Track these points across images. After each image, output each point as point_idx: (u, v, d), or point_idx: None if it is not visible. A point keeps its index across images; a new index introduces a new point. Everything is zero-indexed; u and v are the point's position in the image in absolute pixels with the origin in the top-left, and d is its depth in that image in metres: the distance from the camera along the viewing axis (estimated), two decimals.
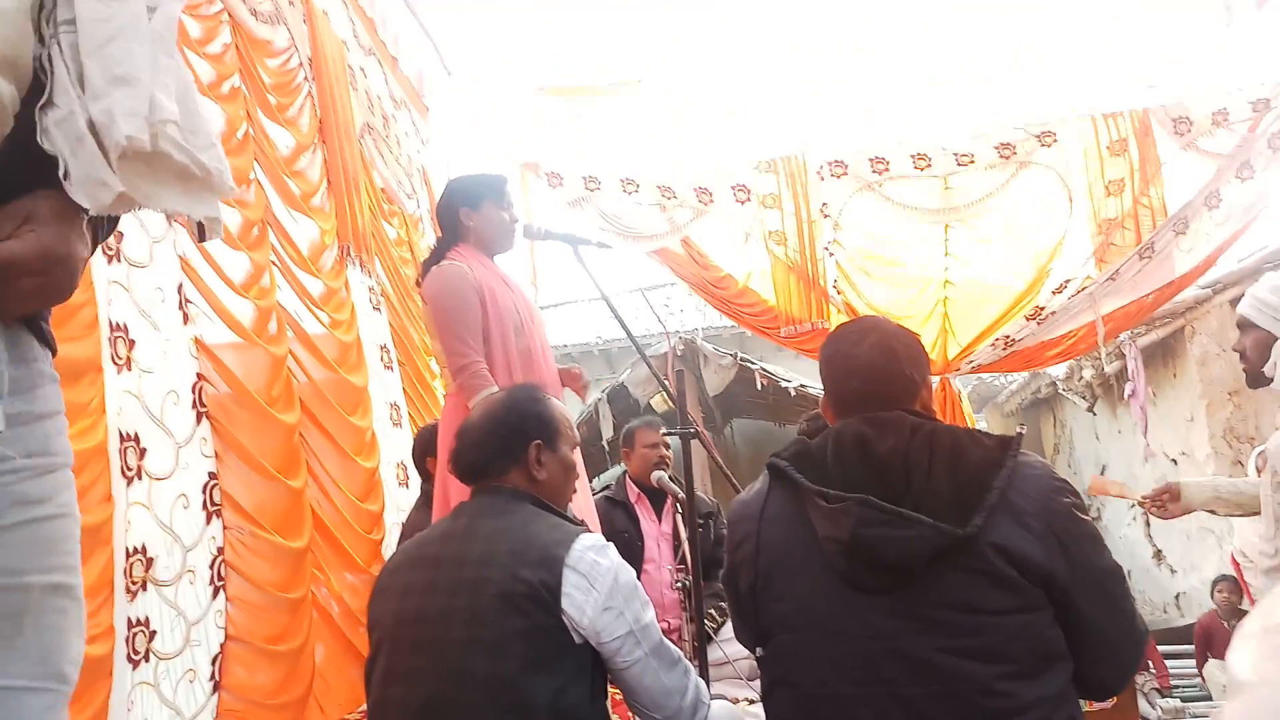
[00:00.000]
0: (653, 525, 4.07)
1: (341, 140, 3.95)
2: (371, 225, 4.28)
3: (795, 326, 5.33)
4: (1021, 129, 5.19)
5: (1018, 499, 1.49)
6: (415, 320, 4.71)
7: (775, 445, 1.71)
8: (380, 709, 1.81)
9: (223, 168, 0.99)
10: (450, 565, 1.82)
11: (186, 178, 0.95)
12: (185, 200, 0.97)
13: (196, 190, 0.97)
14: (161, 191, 0.94)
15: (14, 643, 0.92)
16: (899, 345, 1.71)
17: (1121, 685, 1.60)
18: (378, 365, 4.23)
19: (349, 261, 3.96)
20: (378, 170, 4.57)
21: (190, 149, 0.94)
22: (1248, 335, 2.59)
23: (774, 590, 1.63)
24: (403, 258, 4.81)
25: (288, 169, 3.52)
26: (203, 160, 0.95)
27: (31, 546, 0.95)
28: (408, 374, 4.51)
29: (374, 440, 3.85)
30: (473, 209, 2.87)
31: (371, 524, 3.65)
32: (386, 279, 4.48)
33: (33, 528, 0.95)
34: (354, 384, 3.68)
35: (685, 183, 5.34)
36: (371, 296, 4.28)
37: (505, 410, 2.02)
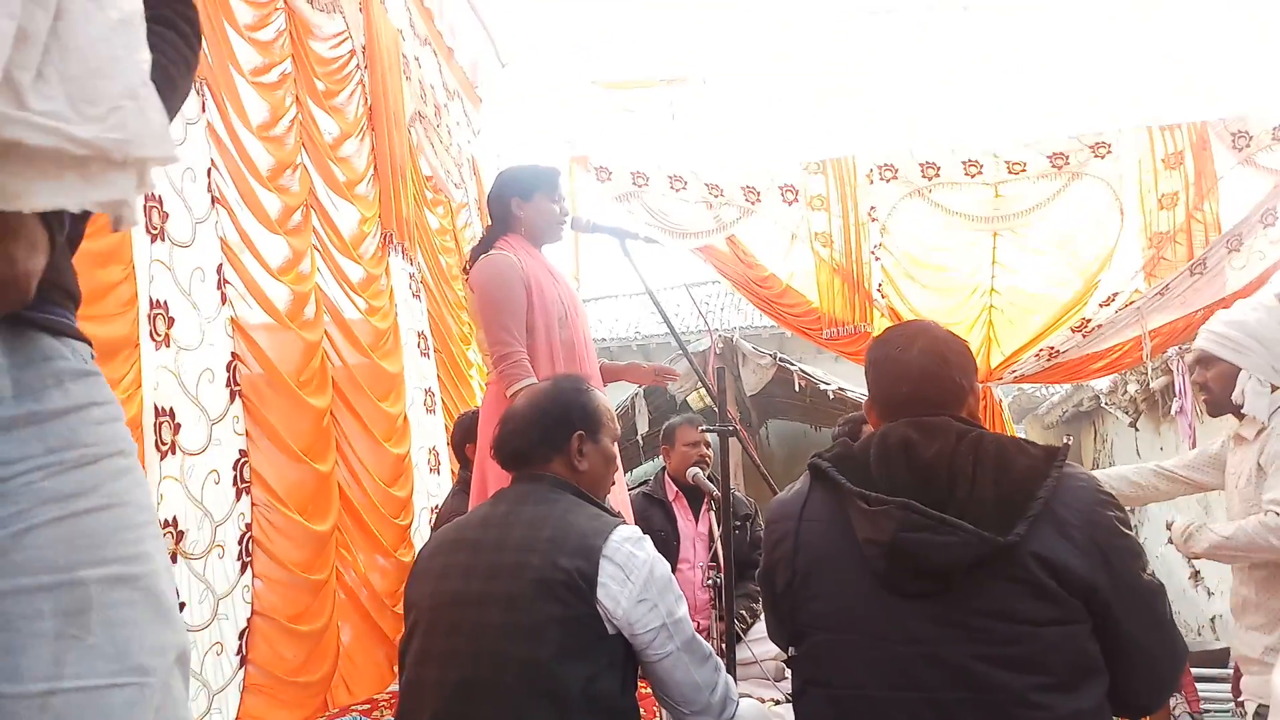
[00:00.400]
0: (689, 525, 4.07)
1: (390, 128, 3.99)
2: (415, 213, 4.31)
3: (838, 328, 5.31)
4: (1075, 139, 5.13)
5: (1062, 510, 1.48)
6: (452, 308, 4.75)
7: (811, 448, 1.72)
8: (414, 688, 1.83)
9: (125, 134, 0.82)
10: (489, 550, 1.84)
11: (70, 162, 0.80)
12: (69, 190, 0.81)
13: (96, 172, 0.82)
14: (32, 187, 0.79)
15: (85, 641, 0.89)
16: (949, 351, 1.70)
17: (1158, 704, 1.59)
18: (414, 351, 4.27)
19: (391, 248, 4.00)
20: (425, 159, 4.61)
21: (60, 127, 0.78)
22: (1209, 369, 2.73)
23: (810, 590, 1.64)
24: (445, 246, 4.85)
25: (333, 155, 3.56)
26: (82, 134, 0.79)
27: (79, 541, 0.91)
28: (443, 361, 4.55)
29: (405, 426, 3.88)
30: (524, 199, 2.89)
31: (399, 509, 3.69)
32: (427, 267, 4.51)
33: (74, 522, 0.91)
34: (387, 370, 3.71)
35: (733, 181, 5.34)
36: (412, 283, 4.32)
37: (550, 399, 2.04)
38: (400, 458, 3.77)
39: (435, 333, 4.51)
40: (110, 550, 0.93)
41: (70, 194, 0.81)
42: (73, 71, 0.80)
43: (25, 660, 0.86)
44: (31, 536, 0.88)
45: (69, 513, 0.91)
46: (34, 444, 0.90)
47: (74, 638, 0.88)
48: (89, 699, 0.88)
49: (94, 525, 0.92)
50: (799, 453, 11.71)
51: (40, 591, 0.87)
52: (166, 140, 0.87)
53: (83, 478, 0.93)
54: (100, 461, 0.95)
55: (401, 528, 3.73)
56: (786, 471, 10.14)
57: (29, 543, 0.88)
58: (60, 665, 0.87)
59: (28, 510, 0.89)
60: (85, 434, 0.95)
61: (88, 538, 0.91)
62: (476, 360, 5.07)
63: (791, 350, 10.08)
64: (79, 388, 0.96)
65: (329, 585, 3.08)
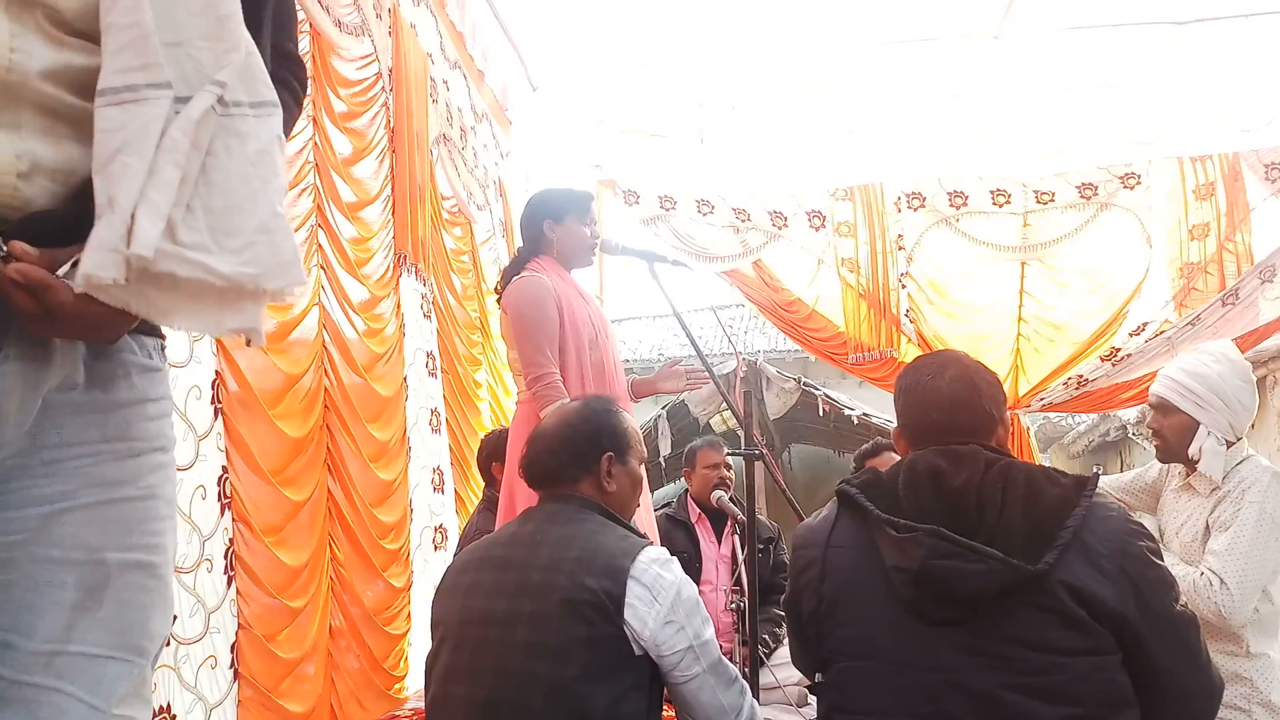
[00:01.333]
0: (712, 547, 4.07)
1: (412, 150, 4.01)
2: (431, 234, 4.32)
3: (864, 354, 5.31)
4: (1105, 169, 5.11)
5: (1091, 539, 1.48)
6: (462, 329, 4.75)
7: (834, 473, 1.73)
8: (440, 705, 1.84)
9: (259, 269, 0.92)
10: (517, 569, 1.85)
11: (210, 291, 0.90)
12: (206, 316, 0.92)
13: (231, 300, 0.92)
14: (176, 307, 0.90)
15: (95, 614, 0.99)
16: (980, 380, 1.71)
17: None
18: (423, 371, 4.26)
19: (404, 268, 4.02)
20: (448, 179, 4.64)
21: (203, 260, 0.88)
22: (1167, 416, 2.69)
23: (837, 617, 1.64)
24: (461, 266, 4.86)
25: (346, 174, 3.55)
26: (223, 270, 0.89)
27: (110, 525, 1.01)
28: (449, 382, 4.55)
29: (398, 449, 3.87)
30: (556, 222, 2.92)
31: (385, 532, 3.66)
32: (441, 287, 4.51)
33: (109, 509, 1.01)
34: (379, 393, 3.69)
35: (760, 206, 5.36)
36: (424, 304, 4.32)
37: (581, 420, 2.05)
38: (387, 483, 3.73)
39: (444, 353, 4.51)
40: (135, 538, 1.03)
41: (208, 319, 0.92)
42: (215, 205, 0.91)
43: (42, 622, 0.97)
44: (71, 516, 0.99)
45: (107, 499, 1.01)
46: (93, 430, 1.01)
47: (87, 610, 0.99)
48: (85, 664, 0.99)
49: (126, 513, 1.03)
50: (821, 478, 11.66)
51: (68, 565, 0.98)
52: (295, 269, 0.96)
53: (125, 469, 1.03)
54: (143, 455, 1.05)
55: (391, 551, 3.71)
56: (809, 496, 10.09)
57: (67, 520, 0.98)
58: (70, 631, 0.98)
59: (73, 491, 0.99)
60: (137, 428, 1.05)
61: (118, 524, 1.02)
62: (484, 380, 5.11)
63: (815, 375, 10.06)
64: (142, 382, 1.06)
65: (311, 611, 3.06)
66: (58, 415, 0.99)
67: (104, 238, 0.85)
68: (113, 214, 0.85)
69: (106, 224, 0.85)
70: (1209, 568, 2.48)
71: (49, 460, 0.99)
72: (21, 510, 0.97)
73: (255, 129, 0.96)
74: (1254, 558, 2.45)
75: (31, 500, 0.98)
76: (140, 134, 0.87)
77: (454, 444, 4.57)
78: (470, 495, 4.65)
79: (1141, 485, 2.98)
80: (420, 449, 4.13)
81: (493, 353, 5.23)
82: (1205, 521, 2.60)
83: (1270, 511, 2.50)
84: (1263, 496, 2.52)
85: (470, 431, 4.72)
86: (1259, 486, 2.54)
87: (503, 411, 5.28)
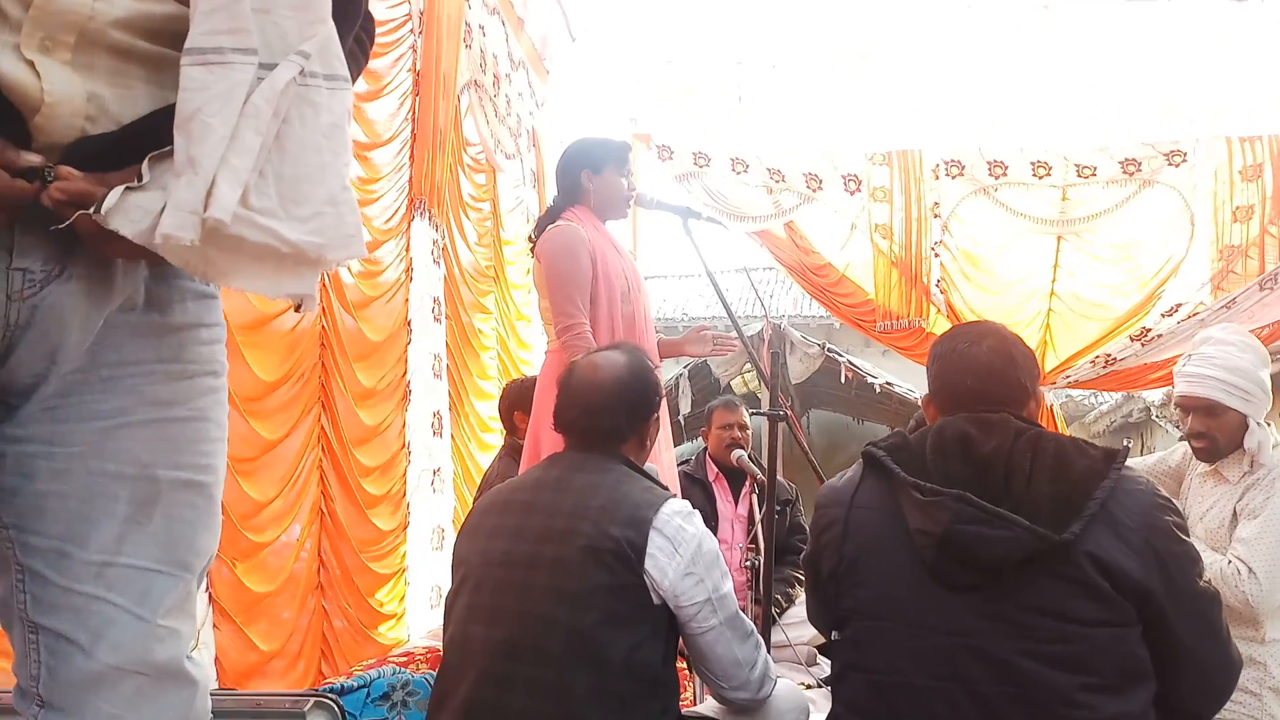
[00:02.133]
0: (728, 506, 4.09)
1: (437, 94, 3.97)
2: (450, 179, 4.30)
3: (892, 322, 5.28)
4: (1150, 146, 5.02)
5: (1118, 511, 1.47)
6: (470, 277, 4.75)
7: (852, 439, 1.72)
8: (459, 643, 1.86)
9: (324, 239, 0.94)
10: (542, 514, 1.86)
11: (272, 255, 0.92)
12: (265, 279, 0.94)
13: (289, 266, 0.94)
14: (237, 269, 0.92)
15: (145, 528, 1.04)
16: (1017, 353, 1.70)
17: (1210, 714, 1.58)
18: (428, 317, 4.28)
19: (417, 213, 3.99)
20: (476, 127, 4.59)
21: (273, 226, 0.90)
22: (1216, 417, 2.57)
23: (857, 576, 1.65)
24: (478, 213, 4.83)
25: (357, 114, 3.49)
26: (290, 236, 0.91)
27: (162, 443, 1.05)
28: (451, 328, 4.56)
29: (392, 391, 3.87)
30: (595, 172, 2.90)
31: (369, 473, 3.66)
32: (452, 234, 4.48)
33: (161, 427, 1.05)
34: (369, 336, 3.68)
35: (795, 167, 5.31)
36: (434, 249, 4.32)
37: (634, 378, 1.99)
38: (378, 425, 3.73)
39: (449, 300, 4.51)
40: (185, 457, 1.07)
41: (265, 282, 0.94)
42: (286, 173, 0.93)
43: (96, 533, 1.01)
44: (125, 431, 1.03)
45: (159, 418, 1.05)
46: (149, 351, 1.05)
47: (138, 523, 1.03)
48: (134, 576, 1.03)
49: (177, 433, 1.07)
50: (839, 444, 11.67)
51: (122, 479, 1.02)
52: (357, 243, 0.99)
53: (177, 389, 1.07)
54: (195, 378, 1.09)
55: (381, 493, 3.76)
56: (826, 462, 10.09)
57: (122, 436, 1.03)
58: (121, 543, 1.02)
59: (129, 408, 1.03)
60: (190, 351, 1.09)
61: (169, 442, 1.06)
62: (493, 329, 5.13)
63: (839, 341, 10.02)
64: (196, 307, 1.10)
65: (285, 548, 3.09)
66: (118, 335, 1.03)
67: (185, 199, 0.87)
68: (195, 175, 0.87)
69: (188, 184, 0.87)
70: (1237, 556, 2.46)
71: (107, 377, 1.02)
72: (80, 424, 1.01)
73: (329, 101, 0.97)
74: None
75: (90, 415, 1.02)
76: (224, 97, 0.89)
77: (452, 390, 4.58)
78: (464, 440, 4.67)
79: (1164, 469, 2.94)
80: (422, 393, 4.14)
81: (506, 302, 5.24)
82: (1233, 508, 2.58)
83: None
84: None
85: (469, 378, 4.74)
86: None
87: (511, 361, 5.30)
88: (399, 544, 3.89)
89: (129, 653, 1.02)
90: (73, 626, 1.00)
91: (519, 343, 5.49)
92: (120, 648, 1.01)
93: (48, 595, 1.01)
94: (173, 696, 1.07)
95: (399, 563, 3.88)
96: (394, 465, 3.88)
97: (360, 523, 3.59)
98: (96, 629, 1.01)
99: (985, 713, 1.46)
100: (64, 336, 0.97)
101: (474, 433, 4.84)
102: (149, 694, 1.04)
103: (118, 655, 1.01)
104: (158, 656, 1.04)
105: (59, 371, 0.99)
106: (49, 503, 1.00)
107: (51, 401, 1.00)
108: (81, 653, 1.00)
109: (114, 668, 1.01)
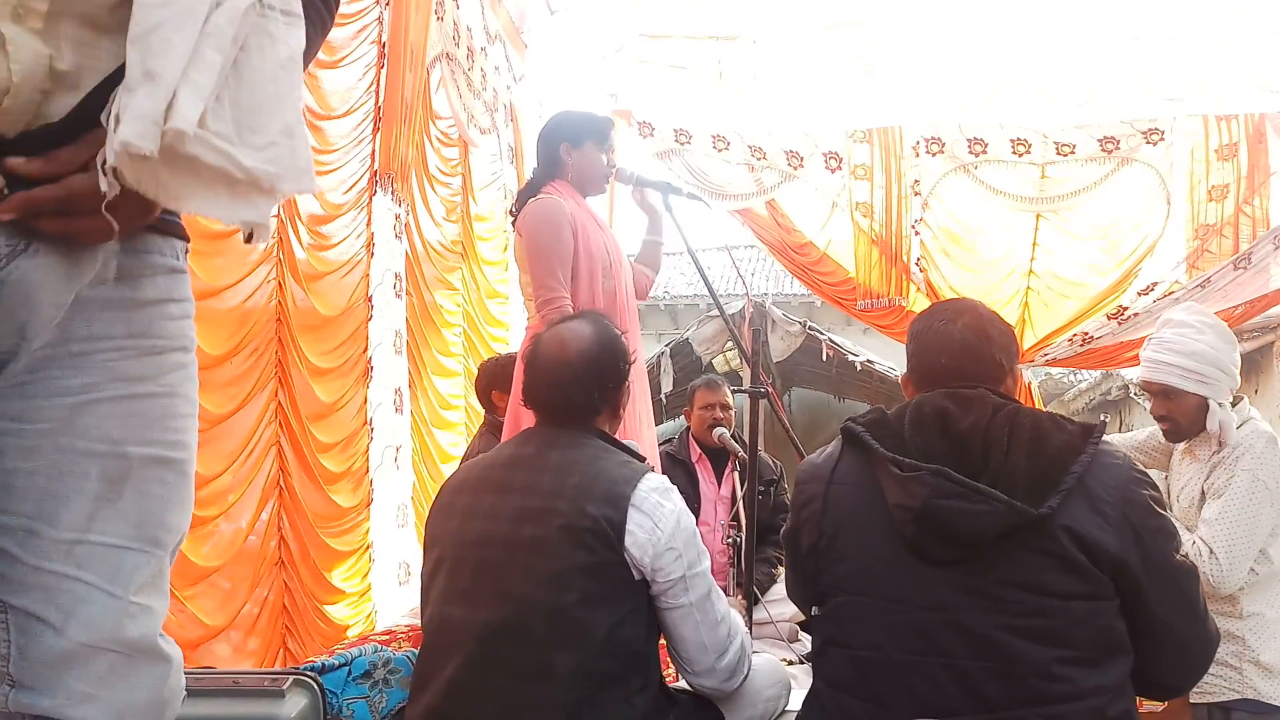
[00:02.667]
0: (711, 488, 4.09)
1: (404, 67, 3.92)
2: (416, 154, 4.24)
3: (872, 300, 5.29)
4: (1128, 123, 5.02)
5: (1095, 486, 1.48)
6: (434, 252, 4.71)
7: (833, 417, 1.73)
8: (437, 624, 1.85)
9: (278, 168, 0.93)
10: (517, 493, 1.84)
11: (225, 180, 0.90)
12: (218, 204, 0.91)
13: (243, 193, 0.92)
14: (190, 192, 0.90)
15: (115, 505, 1.03)
16: (992, 329, 1.71)
17: (1188, 686, 1.61)
18: (389, 292, 4.24)
19: (378, 188, 3.93)
20: (449, 101, 4.53)
21: (228, 150, 0.88)
22: (1174, 401, 2.63)
23: (836, 552, 1.65)
24: (445, 188, 4.78)
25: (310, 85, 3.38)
26: (246, 162, 0.89)
27: (132, 419, 1.04)
28: (411, 304, 4.52)
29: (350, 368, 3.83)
30: (574, 146, 2.88)
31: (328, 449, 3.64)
32: (416, 209, 4.42)
33: (131, 403, 1.04)
34: (319, 310, 3.61)
35: (776, 145, 5.29)
36: (396, 224, 4.27)
37: (601, 348, 1.95)
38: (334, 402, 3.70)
39: (410, 276, 4.47)
40: (156, 433, 1.07)
41: (219, 207, 0.92)
42: (244, 101, 0.91)
43: (66, 511, 1.01)
44: (95, 408, 1.02)
45: (129, 394, 1.04)
46: (119, 326, 1.04)
47: (108, 500, 1.03)
48: (105, 553, 1.02)
49: (148, 409, 1.06)
50: (820, 422, 11.72)
51: (92, 456, 1.02)
52: (309, 176, 0.97)
53: (148, 365, 1.06)
54: (165, 354, 1.08)
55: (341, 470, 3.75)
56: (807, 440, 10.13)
57: (92, 412, 1.02)
58: (91, 521, 1.02)
59: (97, 384, 1.02)
60: (160, 327, 1.08)
61: (140, 418, 1.05)
62: (459, 305, 5.10)
63: (820, 319, 10.06)
64: (167, 283, 1.09)
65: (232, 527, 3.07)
66: (88, 310, 1.01)
67: (145, 108, 0.83)
68: (154, 86, 0.84)
69: (148, 95, 0.84)
70: (1200, 537, 2.49)
71: (77, 353, 1.01)
72: (49, 400, 1.00)
73: (286, 35, 0.96)
74: (1243, 526, 2.45)
75: (59, 391, 1.00)
76: (185, 12, 0.86)
77: (412, 367, 4.56)
78: (423, 417, 4.65)
79: (1155, 444, 2.96)
80: (383, 369, 4.12)
81: (475, 279, 5.20)
82: (1201, 487, 2.61)
83: (1263, 478, 2.49)
84: (1256, 463, 2.51)
85: (429, 354, 4.71)
86: (1253, 453, 2.53)
87: (480, 338, 5.27)
88: (362, 521, 3.88)
89: (101, 630, 1.02)
90: (43, 605, 0.99)
91: (489, 319, 5.45)
92: (92, 625, 1.01)
93: (17, 574, 0.99)
94: (146, 673, 1.06)
95: (362, 539, 3.87)
96: (354, 442, 3.86)
97: (320, 499, 3.57)
98: (67, 607, 1.00)
99: (964, 686, 1.47)
100: (32, 312, 0.95)
101: (435, 410, 4.82)
102: (122, 671, 1.04)
103: (89, 633, 1.01)
104: (130, 633, 1.04)
105: (29, 348, 0.97)
106: (18, 480, 0.99)
107: (20, 378, 0.98)
108: (52, 631, 1.00)
109: (86, 645, 1.01)
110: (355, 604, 3.78)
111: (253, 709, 1.64)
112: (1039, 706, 1.44)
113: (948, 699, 1.48)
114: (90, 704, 1.02)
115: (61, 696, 1.00)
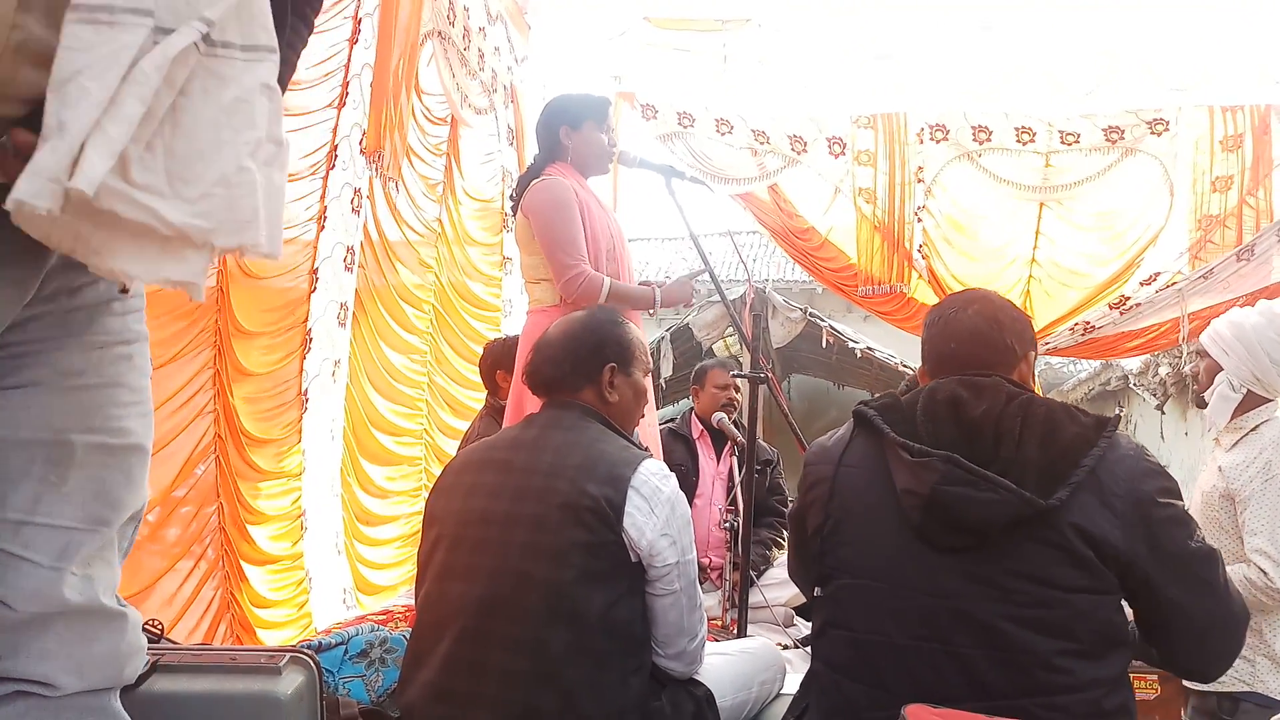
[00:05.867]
0: (710, 463, 4.10)
1: (391, 44, 3.89)
2: (395, 130, 4.21)
3: (874, 286, 5.29)
4: (1133, 113, 5.02)
5: (1106, 479, 1.47)
6: (407, 228, 4.69)
7: (832, 404, 1.72)
8: (435, 600, 1.86)
9: (211, 222, 0.87)
10: (519, 472, 1.86)
11: (153, 235, 0.85)
12: (143, 259, 0.87)
13: (174, 249, 0.87)
14: (114, 247, 0.85)
15: (60, 489, 1.10)
16: (1004, 316, 1.70)
17: (1216, 671, 1.59)
18: (339, 266, 4.22)
19: (336, 161, 3.88)
20: (440, 79, 4.48)
21: (151, 204, 0.83)
22: (1203, 360, 2.80)
23: (842, 535, 1.65)
24: (427, 163, 4.74)
25: None
26: (172, 217, 0.84)
27: (74, 409, 1.11)
28: (365, 277, 4.50)
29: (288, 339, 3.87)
30: (573, 128, 2.86)
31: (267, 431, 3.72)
32: (386, 186, 4.38)
33: (73, 394, 1.11)
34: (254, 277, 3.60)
35: (780, 129, 5.28)
36: (355, 199, 4.23)
37: (585, 330, 2.03)
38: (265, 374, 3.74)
39: (367, 248, 4.45)
40: (97, 421, 1.13)
41: (146, 265, 0.89)
42: (179, 149, 0.87)
43: (14, 494, 1.08)
44: (37, 399, 1.09)
45: (70, 386, 1.11)
46: (58, 329, 1.10)
47: (53, 485, 1.10)
48: (51, 534, 1.10)
49: (88, 399, 1.12)
50: (819, 409, 11.74)
51: (36, 444, 1.09)
52: (250, 229, 0.92)
53: (89, 359, 1.12)
54: (107, 348, 1.15)
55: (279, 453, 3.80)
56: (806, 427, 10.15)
57: (33, 403, 1.09)
58: (36, 503, 1.09)
59: (39, 379, 1.09)
60: (101, 324, 1.14)
61: (81, 408, 1.12)
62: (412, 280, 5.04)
63: (821, 306, 10.04)
64: (108, 286, 1.15)
65: None
66: (28, 320, 1.07)
67: (45, 164, 0.79)
68: (60, 139, 0.79)
69: (51, 150, 0.79)
70: (1256, 549, 2.45)
71: (17, 354, 1.08)
72: None
73: (239, 74, 0.90)
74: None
75: (2, 387, 1.08)
76: (108, 59, 0.81)
77: (355, 339, 4.53)
78: (359, 392, 4.63)
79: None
80: (323, 340, 4.12)
81: (453, 257, 5.18)
82: (1225, 489, 2.57)
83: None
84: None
85: (384, 326, 4.71)
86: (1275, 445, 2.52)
87: (456, 316, 5.24)
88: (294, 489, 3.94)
89: (48, 601, 1.10)
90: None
91: (471, 298, 5.42)
92: (39, 597, 1.09)
93: None
94: (101, 629, 1.16)
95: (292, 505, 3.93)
96: (286, 411, 3.88)
97: (243, 464, 3.61)
98: (13, 583, 1.08)
99: (966, 674, 1.47)
100: None
101: (387, 382, 4.82)
102: (78, 629, 1.13)
103: (36, 604, 1.09)
104: (73, 599, 1.12)
105: None
106: None
107: None
108: (3, 605, 1.08)
109: (37, 614, 1.10)
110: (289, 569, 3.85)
111: (250, 685, 1.64)
112: (1038, 696, 1.43)
113: (948, 685, 1.47)
114: (50, 660, 1.11)
115: (22, 658, 1.10)
